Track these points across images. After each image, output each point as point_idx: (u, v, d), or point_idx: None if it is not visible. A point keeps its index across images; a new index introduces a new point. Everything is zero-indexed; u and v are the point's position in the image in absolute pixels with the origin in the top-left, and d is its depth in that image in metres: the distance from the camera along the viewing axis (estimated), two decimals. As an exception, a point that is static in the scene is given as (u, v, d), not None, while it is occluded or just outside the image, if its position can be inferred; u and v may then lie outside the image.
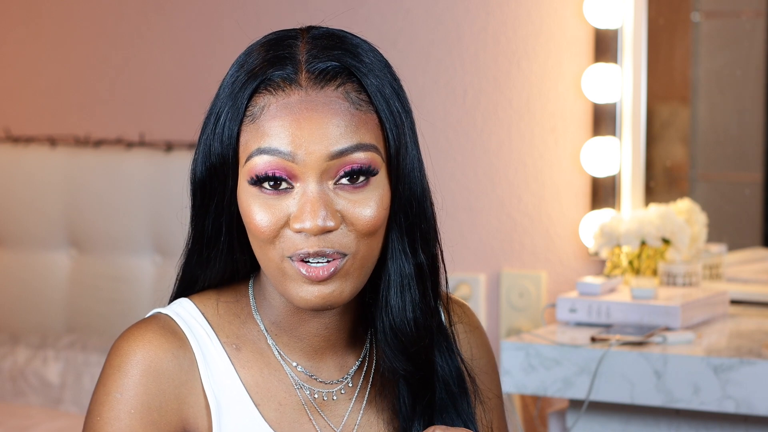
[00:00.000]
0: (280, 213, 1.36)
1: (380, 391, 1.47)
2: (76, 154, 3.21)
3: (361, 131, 1.37)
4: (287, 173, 1.35)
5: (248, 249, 1.42)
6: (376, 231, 1.38)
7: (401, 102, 1.42)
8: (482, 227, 2.95)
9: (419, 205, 1.42)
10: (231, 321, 1.46)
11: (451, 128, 2.96)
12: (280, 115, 1.35)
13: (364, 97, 1.38)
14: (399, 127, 1.40)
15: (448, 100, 2.97)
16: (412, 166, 1.41)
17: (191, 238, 1.44)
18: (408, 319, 1.41)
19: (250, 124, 1.37)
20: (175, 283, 1.48)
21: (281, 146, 1.35)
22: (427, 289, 1.43)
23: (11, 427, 2.83)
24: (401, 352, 1.42)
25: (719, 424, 2.35)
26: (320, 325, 1.44)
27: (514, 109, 2.92)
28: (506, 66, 2.92)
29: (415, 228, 1.42)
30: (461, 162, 2.96)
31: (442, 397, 1.46)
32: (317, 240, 1.34)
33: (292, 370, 1.45)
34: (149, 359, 1.39)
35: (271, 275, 1.39)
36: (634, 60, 2.83)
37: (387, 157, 1.39)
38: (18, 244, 3.27)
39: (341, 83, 1.37)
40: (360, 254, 1.37)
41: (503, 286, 2.94)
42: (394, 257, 1.41)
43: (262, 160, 1.35)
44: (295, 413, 1.44)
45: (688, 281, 2.68)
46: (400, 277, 1.41)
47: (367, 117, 1.38)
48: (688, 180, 2.99)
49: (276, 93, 1.36)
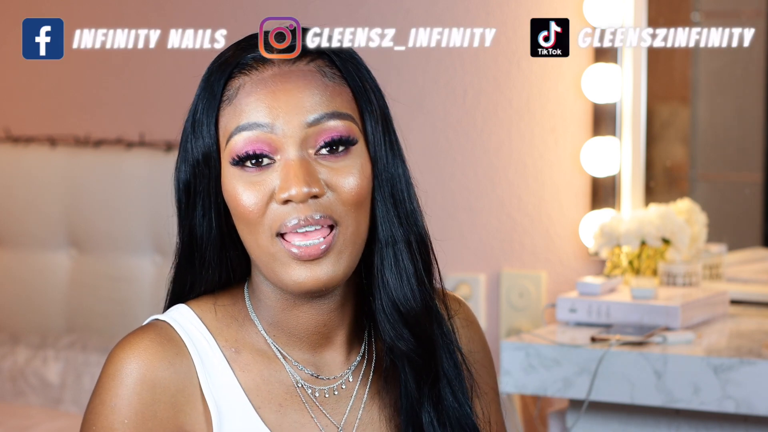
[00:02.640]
0: (265, 189, 1.37)
1: (382, 386, 1.47)
2: (76, 154, 3.21)
3: (336, 101, 1.39)
4: (268, 146, 1.37)
5: (241, 247, 1.43)
6: (362, 201, 1.39)
7: (373, 84, 1.44)
8: (482, 227, 2.95)
9: (401, 184, 1.44)
10: (229, 324, 1.45)
11: (451, 128, 2.96)
12: (255, 91, 1.39)
13: (336, 72, 1.41)
14: (372, 103, 1.43)
15: (448, 100, 2.97)
16: (390, 145, 1.43)
17: (181, 243, 1.45)
18: (405, 290, 1.43)
19: (227, 107, 1.40)
20: (167, 295, 1.48)
21: (259, 119, 1.37)
22: (417, 262, 1.44)
23: (11, 427, 2.83)
24: (403, 325, 1.42)
25: (719, 424, 2.35)
26: (318, 322, 1.44)
27: (514, 109, 2.92)
28: (506, 66, 2.92)
29: (399, 204, 1.43)
30: (461, 162, 2.96)
31: (442, 384, 1.46)
32: (305, 207, 1.36)
33: (292, 368, 1.45)
34: (144, 369, 1.39)
35: (263, 263, 1.39)
36: (634, 60, 2.83)
37: (364, 130, 1.41)
38: (18, 244, 3.27)
39: (313, 59, 1.41)
40: (350, 228, 1.38)
41: (503, 286, 2.94)
42: (383, 228, 1.42)
43: (242, 138, 1.38)
44: (296, 413, 1.44)
45: (688, 281, 2.68)
46: (392, 250, 1.42)
47: (341, 89, 1.41)
48: (688, 180, 2.99)
49: (250, 73, 1.40)
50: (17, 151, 3.27)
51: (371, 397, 1.47)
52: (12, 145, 3.28)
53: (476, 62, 2.94)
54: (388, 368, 1.45)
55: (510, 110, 2.92)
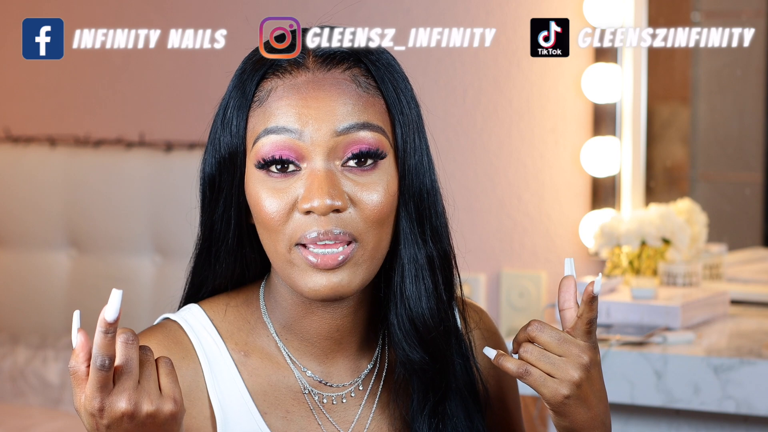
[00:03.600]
0: (289, 197, 1.35)
1: (392, 396, 1.45)
2: (76, 154, 3.21)
3: (369, 112, 1.37)
4: (295, 153, 1.35)
5: (258, 246, 1.41)
6: (385, 218, 1.37)
7: (409, 94, 1.42)
8: (482, 227, 2.95)
9: (429, 197, 1.41)
10: (240, 327, 1.44)
11: (451, 128, 2.96)
12: (287, 95, 1.36)
13: (371, 82, 1.39)
14: (406, 115, 1.41)
15: (448, 100, 2.97)
16: (420, 157, 1.41)
17: (201, 236, 1.44)
18: (423, 308, 1.41)
19: (257, 109, 1.37)
20: (185, 286, 1.47)
21: (288, 124, 1.35)
22: (438, 281, 1.42)
23: (11, 427, 2.83)
24: (418, 342, 1.41)
25: (719, 424, 2.35)
26: (331, 327, 1.42)
27: (514, 109, 2.92)
28: (506, 66, 2.92)
29: (425, 219, 1.41)
30: (461, 162, 2.96)
31: (455, 401, 1.44)
32: (326, 220, 1.33)
33: (301, 374, 1.43)
34: None
35: (280, 268, 1.38)
36: (634, 60, 2.83)
37: (394, 144, 1.39)
38: (18, 244, 3.27)
39: (348, 67, 1.38)
40: (370, 244, 1.36)
41: (503, 286, 2.94)
42: (406, 246, 1.40)
43: (269, 141, 1.35)
44: (303, 420, 1.43)
45: (688, 281, 2.68)
46: (414, 267, 1.40)
47: (374, 100, 1.38)
48: (688, 180, 2.99)
49: (283, 76, 1.37)
50: (17, 151, 3.27)
51: (380, 407, 1.46)
52: (12, 145, 3.28)
53: (476, 62, 2.94)
54: (400, 380, 1.43)
55: (510, 110, 2.92)
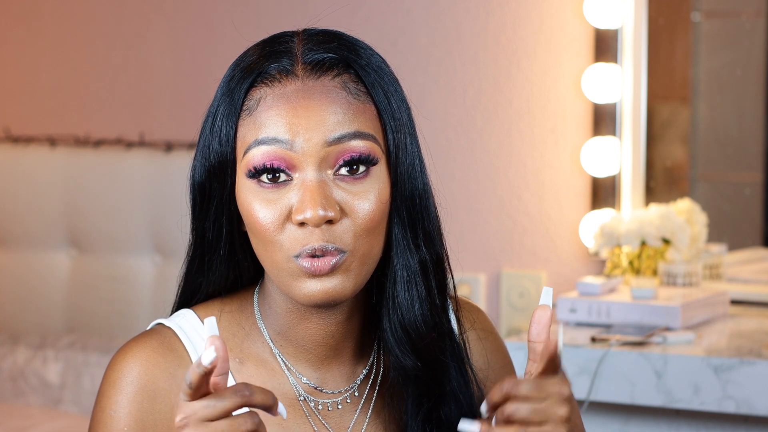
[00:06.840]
0: (281, 207, 1.34)
1: (387, 402, 1.44)
2: (76, 154, 3.21)
3: (360, 120, 1.36)
4: (286, 163, 1.34)
5: (250, 252, 1.41)
6: (375, 227, 1.36)
7: (399, 97, 1.41)
8: (482, 227, 2.95)
9: (421, 201, 1.40)
10: (235, 333, 1.43)
11: (451, 128, 2.96)
12: (276, 105, 1.35)
13: (362, 88, 1.37)
14: (397, 120, 1.39)
15: (448, 100, 2.97)
16: (412, 161, 1.40)
17: (192, 244, 1.42)
18: (416, 314, 1.40)
19: (246, 118, 1.36)
20: (177, 292, 1.46)
21: (279, 134, 1.34)
22: (431, 286, 1.41)
23: (11, 427, 2.83)
24: (411, 349, 1.40)
25: (719, 424, 2.35)
26: (326, 333, 1.41)
27: (514, 109, 2.92)
28: (506, 66, 2.92)
29: (417, 224, 1.40)
30: (461, 162, 2.96)
31: (450, 406, 1.43)
32: (321, 233, 1.33)
33: (297, 381, 1.43)
34: (144, 378, 1.38)
35: (274, 276, 1.37)
36: (634, 60, 2.83)
37: (386, 150, 1.38)
38: (18, 244, 3.27)
39: (338, 74, 1.37)
40: (359, 252, 1.35)
41: (503, 286, 2.94)
42: (399, 252, 1.39)
43: (260, 151, 1.34)
44: (299, 427, 1.42)
45: (688, 281, 2.68)
46: (406, 273, 1.39)
47: (365, 107, 1.37)
48: (688, 180, 2.99)
49: (272, 85, 1.36)
50: (17, 151, 3.27)
51: (376, 412, 1.45)
52: (12, 145, 3.28)
53: (476, 62, 2.94)
54: (394, 386, 1.42)
55: (510, 110, 2.92)
